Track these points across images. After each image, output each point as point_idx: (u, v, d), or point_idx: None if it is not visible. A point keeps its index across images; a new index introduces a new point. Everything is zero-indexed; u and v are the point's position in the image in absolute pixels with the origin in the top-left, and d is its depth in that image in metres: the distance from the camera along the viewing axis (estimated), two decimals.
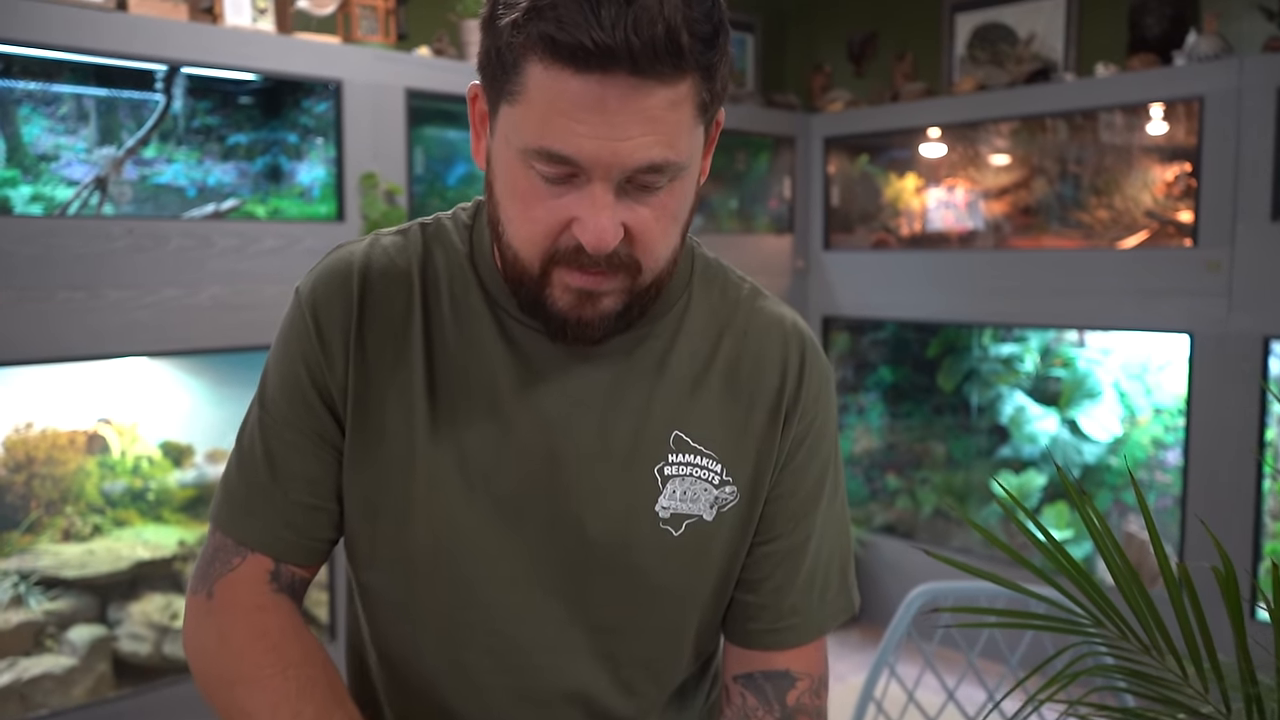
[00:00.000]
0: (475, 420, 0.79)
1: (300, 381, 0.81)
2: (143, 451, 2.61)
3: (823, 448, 0.86)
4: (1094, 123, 3.17)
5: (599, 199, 0.69)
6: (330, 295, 0.81)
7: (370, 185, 2.41)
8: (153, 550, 2.55)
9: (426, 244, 0.84)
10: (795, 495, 0.84)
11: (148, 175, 2.46)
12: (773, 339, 0.85)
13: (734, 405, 0.82)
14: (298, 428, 0.81)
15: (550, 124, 0.66)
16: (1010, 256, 3.21)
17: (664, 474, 0.80)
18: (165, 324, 2.16)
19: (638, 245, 0.72)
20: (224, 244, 2.23)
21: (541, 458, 0.79)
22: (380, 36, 2.52)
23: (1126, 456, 3.20)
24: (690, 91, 0.67)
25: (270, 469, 0.82)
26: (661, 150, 0.67)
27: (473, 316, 0.81)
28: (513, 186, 0.72)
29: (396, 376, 0.80)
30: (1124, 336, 3.24)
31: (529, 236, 0.72)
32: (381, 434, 0.80)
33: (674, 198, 0.72)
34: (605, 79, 0.64)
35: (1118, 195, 3.19)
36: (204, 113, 2.52)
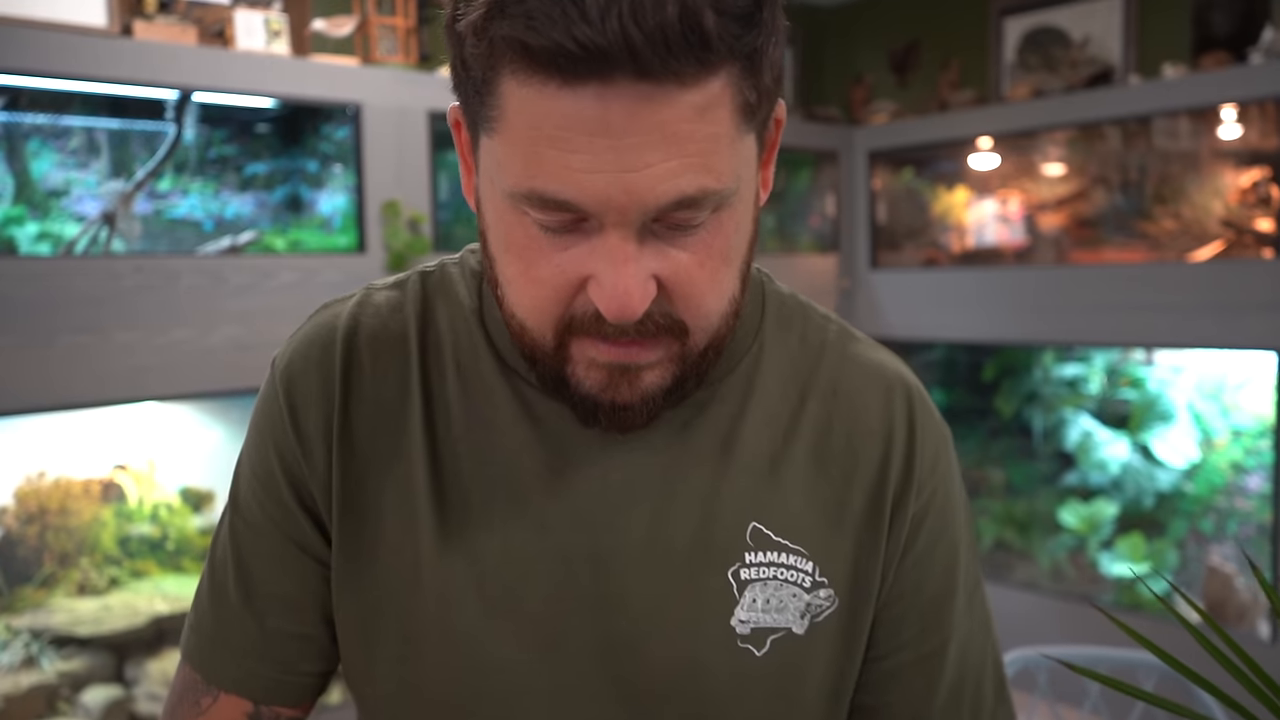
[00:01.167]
0: (494, 522, 0.62)
1: (274, 478, 0.65)
2: (161, 498, 2.49)
3: (950, 528, 0.67)
4: (1159, 127, 2.98)
5: (616, 251, 0.51)
6: (307, 370, 0.65)
7: (393, 214, 2.28)
8: (172, 603, 2.42)
9: (427, 298, 0.67)
10: (921, 593, 0.66)
11: (163, 209, 2.35)
12: (871, 396, 0.67)
13: (825, 486, 0.65)
14: (273, 536, 0.65)
15: (538, 158, 0.50)
16: (1072, 272, 3.02)
17: (740, 578, 0.62)
18: (176, 367, 2.03)
19: (679, 302, 0.55)
20: (238, 280, 2.10)
21: (581, 565, 0.62)
22: (401, 57, 2.39)
23: (1203, 482, 2.98)
24: (726, 90, 0.50)
25: (243, 588, 0.66)
26: (694, 178, 0.50)
27: (485, 390, 0.64)
28: (506, 238, 0.55)
29: (392, 471, 0.63)
30: (1198, 354, 3.04)
31: (534, 303, 0.55)
32: (376, 545, 0.63)
33: (721, 234, 0.54)
34: (604, 90, 0.47)
35: (1185, 204, 2.99)
36: (220, 142, 2.41)
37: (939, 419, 0.68)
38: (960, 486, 0.69)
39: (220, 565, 0.67)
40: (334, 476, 0.64)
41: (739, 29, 0.48)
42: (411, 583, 0.62)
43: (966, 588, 0.68)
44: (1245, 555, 1.12)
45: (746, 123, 0.52)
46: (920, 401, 0.67)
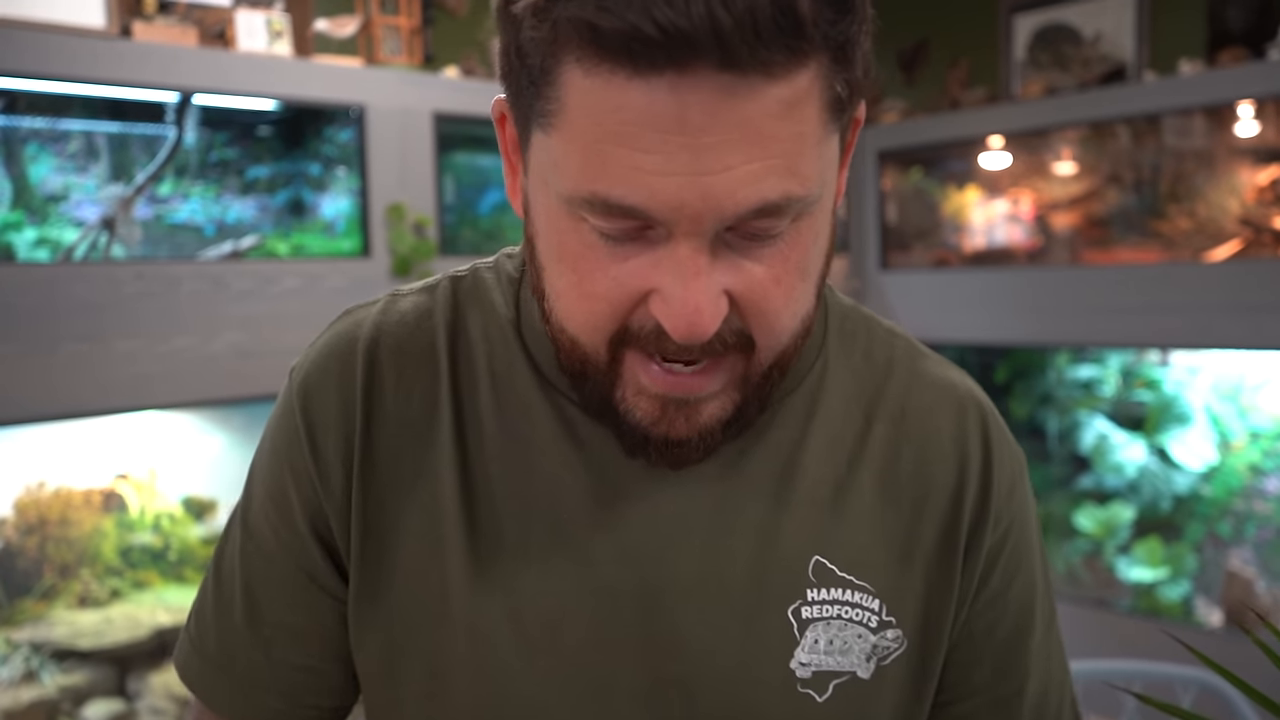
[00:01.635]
0: (532, 551, 0.57)
1: (288, 501, 0.60)
2: (163, 508, 2.44)
3: (1027, 562, 0.62)
4: (1172, 124, 2.94)
5: (686, 264, 0.46)
6: (325, 384, 0.60)
7: (397, 217, 2.24)
8: (175, 614, 2.37)
9: (458, 306, 0.62)
10: (994, 634, 0.61)
11: (163, 214, 2.30)
12: (943, 417, 0.61)
13: (894, 516, 0.59)
14: (284, 563, 0.60)
15: (601, 157, 0.45)
16: (1086, 272, 2.97)
17: (801, 617, 0.57)
18: (179, 375, 1.99)
19: (752, 319, 0.50)
20: (240, 286, 2.06)
21: (628, 602, 0.57)
22: (405, 58, 2.35)
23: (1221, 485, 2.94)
24: (815, 84, 0.45)
25: (249, 613, 0.61)
26: (777, 182, 0.45)
27: (522, 406, 0.59)
28: (559, 247, 0.50)
29: (418, 493, 0.58)
30: (1216, 355, 2.99)
31: (587, 318, 0.50)
32: (399, 574, 0.58)
33: (799, 245, 0.49)
34: (681, 81, 0.42)
35: (1200, 202, 2.94)
36: (220, 145, 2.37)
37: (1014, 442, 0.63)
38: (1036, 516, 0.64)
39: (226, 584, 0.62)
40: (354, 502, 0.58)
41: (833, 15, 0.43)
42: (438, 616, 0.57)
43: (1043, 626, 0.63)
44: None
45: (834, 121, 0.47)
46: (995, 422, 0.62)
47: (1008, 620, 0.61)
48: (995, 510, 0.60)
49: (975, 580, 0.60)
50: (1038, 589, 0.63)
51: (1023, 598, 0.62)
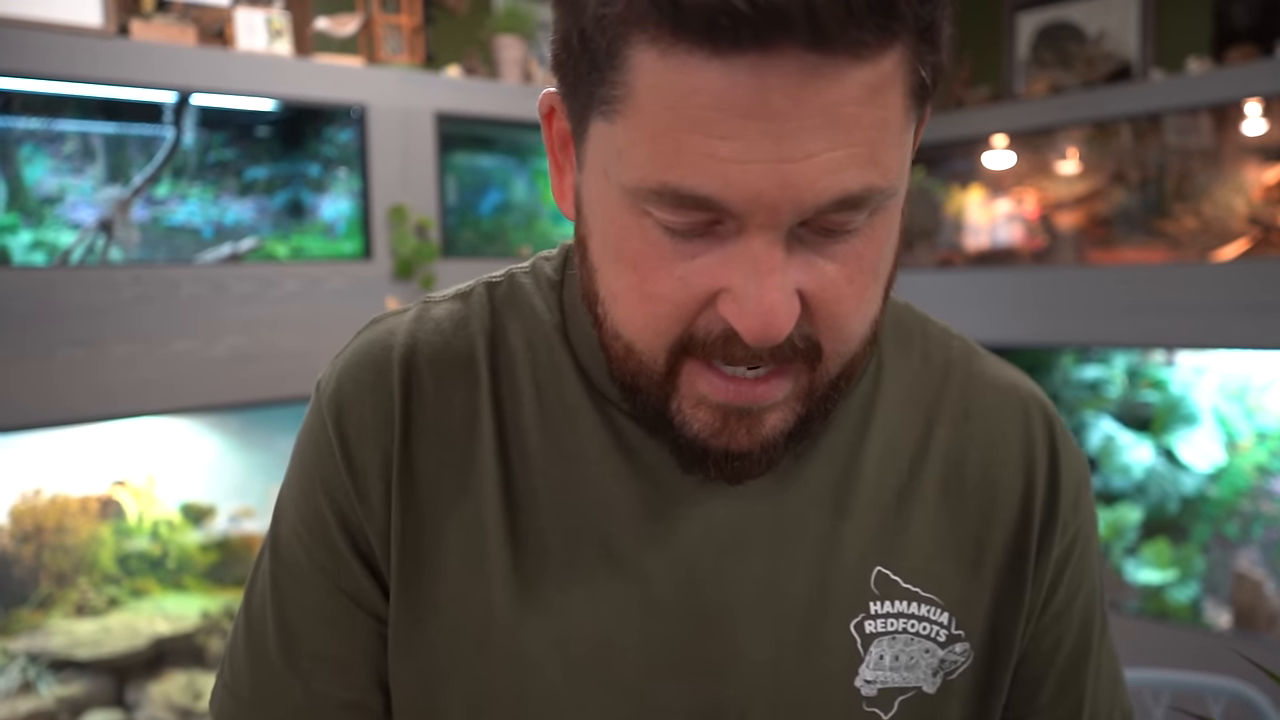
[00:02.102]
0: (580, 571, 0.54)
1: (323, 520, 0.57)
2: (161, 514, 2.41)
3: (1090, 575, 0.60)
4: (1177, 123, 2.91)
5: (761, 259, 0.43)
6: (361, 396, 0.57)
7: (399, 219, 2.20)
8: (173, 623, 2.34)
9: (496, 313, 0.59)
10: (1060, 649, 0.58)
11: (160, 216, 2.27)
12: (1008, 420, 0.58)
13: (960, 524, 0.56)
14: (322, 587, 0.57)
15: (674, 145, 0.42)
16: (1092, 272, 2.95)
17: (865, 631, 0.54)
18: (178, 380, 1.95)
19: (821, 321, 0.46)
20: (240, 289, 2.02)
21: (683, 622, 0.53)
22: (406, 57, 2.32)
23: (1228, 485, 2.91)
24: (899, 68, 0.42)
25: (285, 647, 0.57)
26: (859, 172, 0.42)
27: (569, 417, 0.56)
28: (618, 245, 0.47)
29: (459, 511, 0.55)
30: (1223, 355, 2.97)
31: (648, 322, 0.47)
32: (440, 597, 0.55)
33: (874, 242, 0.46)
34: (765, 61, 0.39)
35: (1207, 201, 2.92)
36: (219, 146, 2.33)
37: (1078, 448, 0.60)
38: (1097, 525, 0.62)
39: (258, 618, 0.58)
40: (393, 517, 0.55)
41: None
42: (481, 641, 0.54)
43: (1102, 642, 0.61)
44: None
45: (915, 109, 0.44)
46: (1060, 426, 0.59)
47: (1071, 637, 0.59)
48: (1063, 517, 0.58)
49: (1044, 591, 0.58)
50: (1097, 603, 0.61)
51: (1085, 614, 0.60)
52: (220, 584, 2.46)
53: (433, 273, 2.25)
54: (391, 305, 2.19)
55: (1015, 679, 0.58)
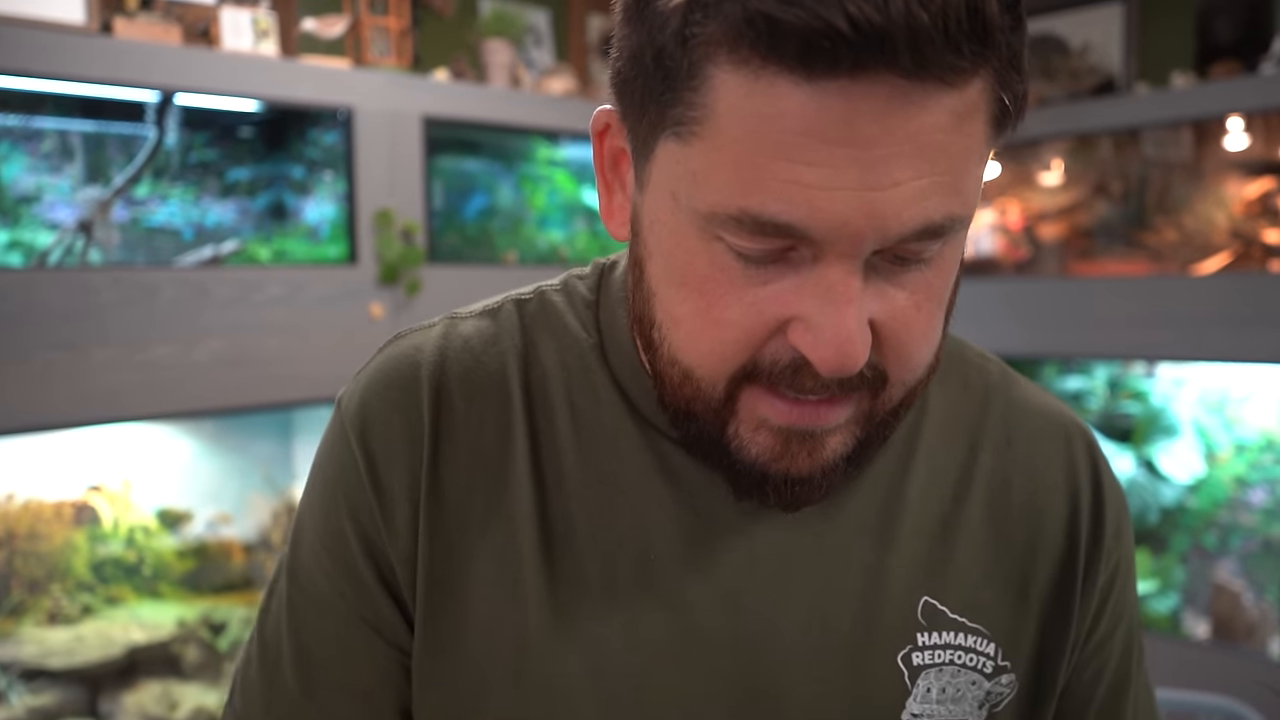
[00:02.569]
0: (617, 599, 0.52)
1: (345, 543, 0.55)
2: (137, 520, 2.36)
3: (1130, 606, 0.59)
4: (1159, 136, 2.94)
5: (839, 288, 0.42)
6: (388, 414, 0.55)
7: (385, 224, 2.17)
8: (149, 632, 2.30)
9: (527, 331, 0.57)
10: (1101, 681, 0.58)
11: (140, 217, 2.23)
12: (1051, 446, 0.58)
13: (1005, 552, 0.56)
14: (342, 614, 0.55)
15: (756, 169, 0.40)
16: (1075, 284, 2.97)
17: (912, 664, 0.53)
18: (158, 385, 1.91)
19: (889, 350, 0.46)
20: (222, 293, 1.99)
21: (725, 654, 0.52)
22: (394, 59, 2.29)
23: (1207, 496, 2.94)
24: (984, 96, 0.42)
25: (303, 676, 0.55)
26: (941, 201, 0.41)
27: (608, 439, 0.54)
28: (684, 269, 0.45)
29: (491, 535, 0.53)
30: (1198, 368, 3.00)
31: (713, 347, 0.45)
32: (469, 626, 0.53)
33: (944, 272, 0.45)
34: (855, 86, 0.39)
35: (1188, 215, 2.95)
36: (201, 146, 2.29)
37: (1115, 475, 0.60)
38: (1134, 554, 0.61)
39: (273, 645, 0.56)
40: (420, 542, 0.53)
41: (1012, 21, 0.40)
42: (513, 672, 0.52)
43: (1139, 672, 0.60)
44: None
45: (995, 137, 0.43)
46: (1101, 453, 0.59)
47: (1112, 669, 0.59)
48: (1107, 546, 0.57)
49: (1088, 621, 0.57)
50: (1136, 633, 0.61)
51: (1126, 642, 0.59)
52: (197, 591, 2.42)
53: (418, 278, 2.22)
54: (376, 311, 2.16)
55: (1061, 711, 0.58)
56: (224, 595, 2.44)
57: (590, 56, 3.20)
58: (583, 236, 2.83)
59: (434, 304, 2.23)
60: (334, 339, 2.10)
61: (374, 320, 2.16)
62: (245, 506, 2.50)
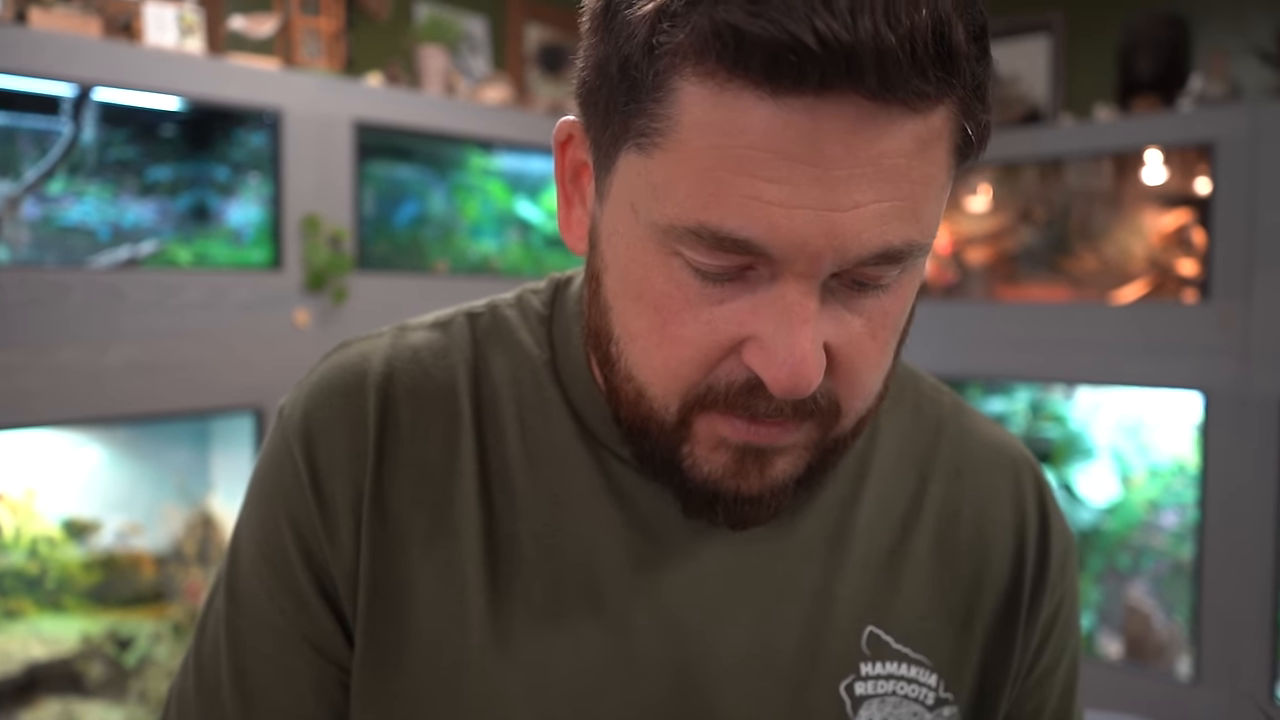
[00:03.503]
0: (561, 621, 0.51)
1: (287, 558, 0.53)
2: (40, 530, 2.26)
3: (1073, 643, 0.60)
4: (1081, 166, 3.02)
5: (795, 309, 0.42)
6: (332, 424, 0.54)
7: (312, 229, 2.12)
8: (50, 647, 2.20)
9: (479, 344, 0.56)
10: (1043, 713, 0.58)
11: (53, 215, 2.14)
12: (1000, 479, 0.58)
13: (952, 583, 0.55)
14: (282, 632, 0.53)
15: (717, 184, 0.40)
16: (998, 308, 3.03)
17: (855, 693, 0.53)
18: (66, 390, 1.83)
19: (841, 376, 0.45)
20: (138, 297, 1.92)
21: (667, 678, 0.51)
22: (325, 61, 2.24)
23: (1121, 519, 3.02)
24: (948, 124, 0.42)
25: (240, 697, 0.53)
26: (902, 226, 0.41)
27: (557, 458, 0.54)
28: (640, 284, 0.45)
29: (435, 553, 0.52)
30: (1115, 393, 3.08)
31: (668, 365, 0.45)
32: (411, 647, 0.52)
33: (900, 298, 0.46)
34: (821, 105, 0.38)
35: (1108, 243, 3.03)
36: (120, 143, 2.21)
37: (1063, 514, 0.60)
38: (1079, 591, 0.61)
39: (210, 667, 0.54)
40: (362, 557, 0.52)
41: (979, 51, 0.40)
42: (453, 692, 0.51)
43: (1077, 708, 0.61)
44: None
45: (957, 166, 0.43)
46: (1049, 488, 0.59)
47: (1053, 700, 0.59)
48: (1052, 580, 0.57)
49: (1030, 653, 0.57)
50: (1077, 668, 0.61)
51: (1068, 678, 0.60)
52: (104, 605, 2.32)
53: (345, 286, 2.17)
54: (301, 318, 2.10)
55: None
56: (133, 609, 2.35)
57: (527, 66, 3.17)
58: (515, 248, 2.80)
59: (362, 312, 2.18)
60: (256, 346, 2.04)
61: (298, 328, 2.10)
62: (158, 517, 2.41)
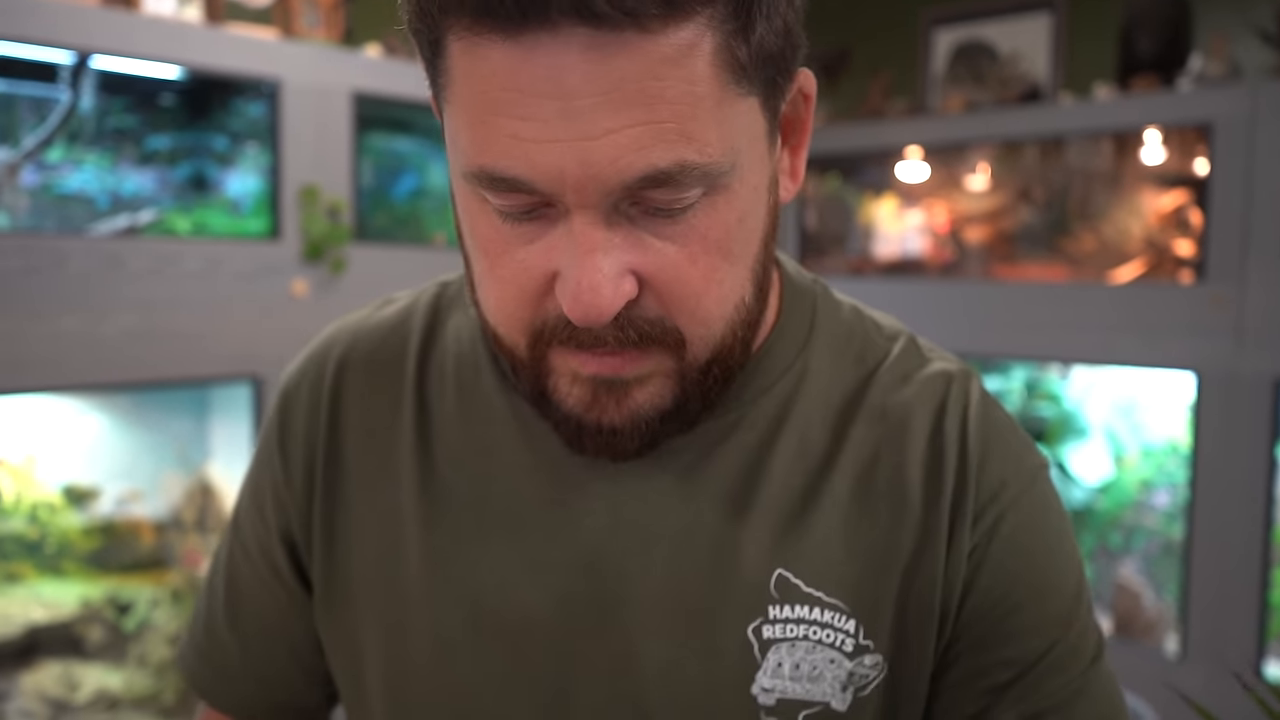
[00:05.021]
0: (492, 562, 0.55)
1: (263, 503, 0.62)
2: (41, 496, 2.29)
3: (1032, 572, 0.55)
4: (1080, 146, 3.02)
5: (580, 239, 0.44)
6: (301, 393, 0.61)
7: (310, 200, 2.13)
8: (50, 610, 2.23)
9: (438, 312, 0.62)
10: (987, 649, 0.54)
11: (52, 182, 2.14)
12: (920, 418, 0.56)
13: (869, 527, 0.54)
14: (259, 560, 0.63)
15: (485, 128, 0.43)
16: (996, 288, 3.04)
17: (762, 636, 0.53)
18: (64, 357, 1.85)
19: (669, 305, 0.46)
20: (137, 265, 1.93)
21: (586, 614, 0.54)
22: (323, 32, 2.24)
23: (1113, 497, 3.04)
24: (704, 40, 0.41)
25: (230, 609, 0.64)
26: (668, 148, 0.42)
27: (485, 410, 0.58)
28: (470, 231, 0.48)
29: (379, 500, 0.58)
30: (1109, 372, 3.09)
31: (500, 304, 0.48)
32: (357, 580, 0.58)
33: (717, 222, 0.46)
34: (552, 40, 0.40)
35: (1106, 223, 3.03)
36: (119, 111, 2.21)
37: (1015, 441, 0.57)
38: (1057, 525, 0.57)
39: (215, 578, 0.66)
40: (316, 505, 0.59)
41: None
42: (397, 624, 0.56)
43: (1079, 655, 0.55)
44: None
45: (738, 84, 0.43)
46: (982, 419, 0.56)
47: (1002, 634, 0.54)
48: (976, 504, 0.54)
49: (959, 588, 0.54)
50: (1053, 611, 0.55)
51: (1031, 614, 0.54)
52: (103, 569, 2.35)
53: (343, 256, 2.18)
54: (299, 288, 2.12)
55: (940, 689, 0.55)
56: (132, 574, 2.38)
57: None
58: None
59: (359, 283, 2.19)
60: (254, 315, 2.05)
61: (296, 298, 2.11)
62: (157, 484, 2.44)
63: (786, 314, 0.58)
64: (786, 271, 0.61)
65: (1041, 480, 0.57)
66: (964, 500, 0.55)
